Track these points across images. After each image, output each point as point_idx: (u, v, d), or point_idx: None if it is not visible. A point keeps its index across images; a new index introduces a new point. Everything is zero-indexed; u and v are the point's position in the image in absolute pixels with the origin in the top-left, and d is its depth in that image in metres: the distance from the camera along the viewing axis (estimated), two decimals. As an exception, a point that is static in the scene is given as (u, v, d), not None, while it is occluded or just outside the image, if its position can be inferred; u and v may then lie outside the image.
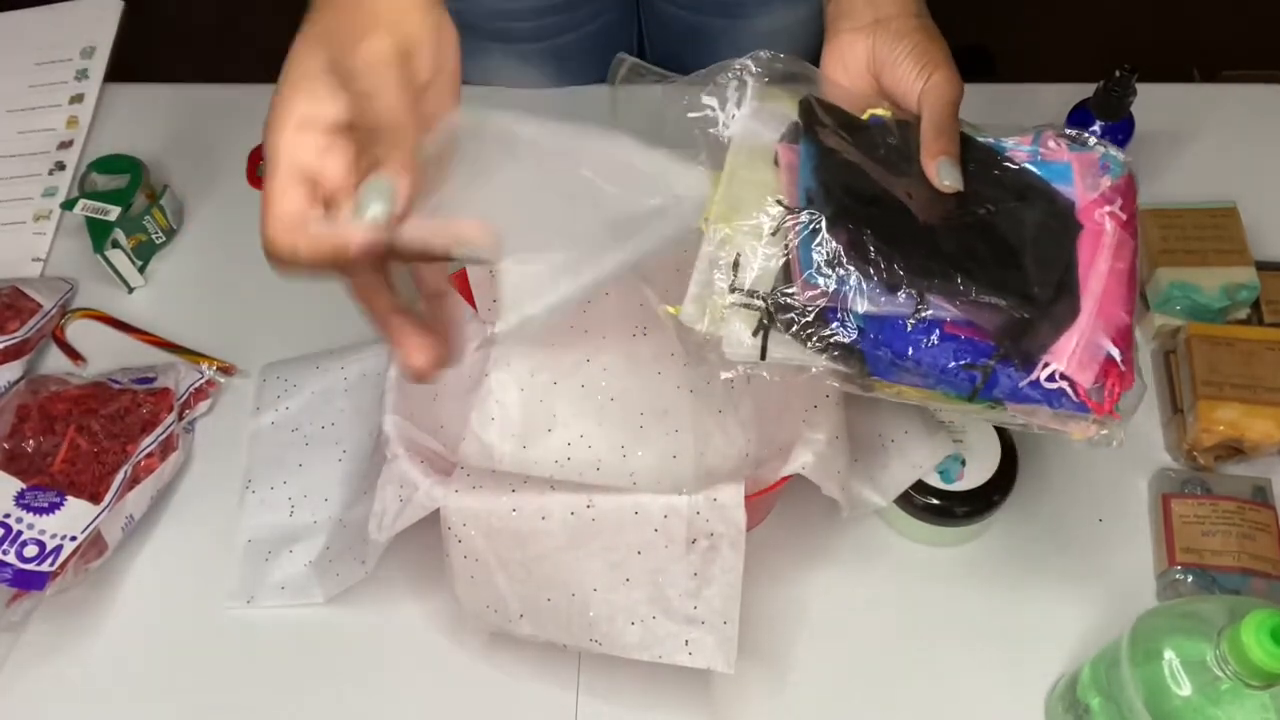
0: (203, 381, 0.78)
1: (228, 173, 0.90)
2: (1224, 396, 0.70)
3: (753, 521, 0.64)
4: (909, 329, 0.52)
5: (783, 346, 0.53)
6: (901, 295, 0.52)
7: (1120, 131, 0.79)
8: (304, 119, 0.43)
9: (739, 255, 0.54)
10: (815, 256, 0.52)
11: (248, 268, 0.84)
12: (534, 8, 0.91)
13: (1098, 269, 0.54)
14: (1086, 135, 0.58)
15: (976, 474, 0.68)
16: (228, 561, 0.72)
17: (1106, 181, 0.57)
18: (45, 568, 0.65)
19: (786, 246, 0.53)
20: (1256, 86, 0.92)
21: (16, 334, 0.78)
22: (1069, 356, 0.52)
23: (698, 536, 0.58)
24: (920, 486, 0.67)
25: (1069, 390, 0.52)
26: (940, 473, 0.68)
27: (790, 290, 0.52)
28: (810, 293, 0.52)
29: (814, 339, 0.52)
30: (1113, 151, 0.58)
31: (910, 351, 0.52)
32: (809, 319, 0.52)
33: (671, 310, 0.55)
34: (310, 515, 0.73)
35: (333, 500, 0.73)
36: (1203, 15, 1.82)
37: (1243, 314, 0.76)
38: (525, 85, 0.93)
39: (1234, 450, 0.71)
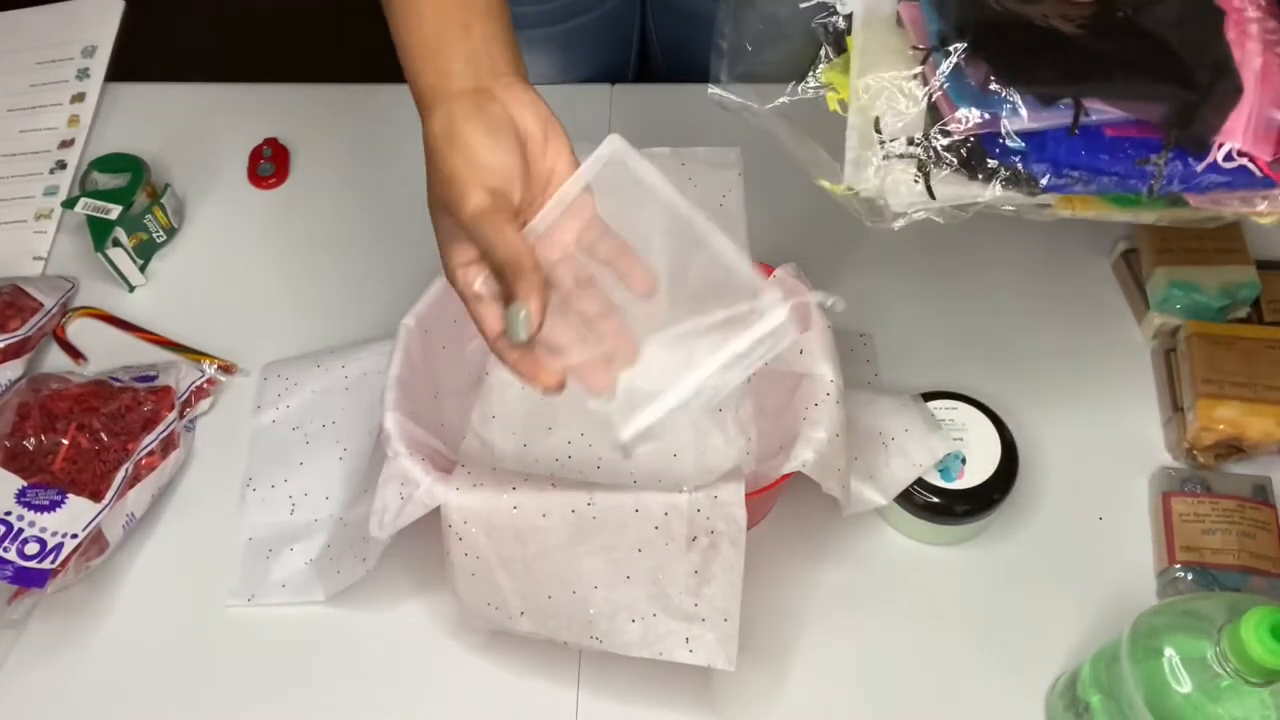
0: (204, 380, 0.78)
1: (228, 172, 0.91)
2: (1224, 395, 0.70)
3: (753, 519, 0.64)
4: (1071, 137, 0.52)
5: (948, 185, 0.53)
6: (1058, 105, 0.52)
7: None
8: (461, 263, 0.54)
9: (881, 116, 0.54)
10: (962, 88, 0.52)
11: (248, 266, 0.86)
12: None
13: (1249, 49, 0.54)
14: None
15: (977, 472, 0.68)
16: (229, 559, 0.72)
17: None
18: (46, 565, 0.66)
19: (929, 87, 0.53)
20: (1257, 86, 0.92)
21: (17, 332, 0.78)
22: (1243, 132, 0.52)
23: (698, 534, 0.59)
24: (920, 484, 0.67)
25: (1251, 166, 0.52)
26: (940, 471, 0.68)
27: (946, 127, 0.53)
28: (966, 124, 0.52)
29: (978, 168, 0.52)
30: None
31: (1079, 158, 0.52)
32: (970, 149, 0.52)
33: (830, 186, 0.55)
34: (311, 513, 0.73)
35: (334, 498, 0.73)
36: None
37: (1243, 313, 0.76)
38: (533, 78, 0.94)
39: (1234, 449, 0.71)
